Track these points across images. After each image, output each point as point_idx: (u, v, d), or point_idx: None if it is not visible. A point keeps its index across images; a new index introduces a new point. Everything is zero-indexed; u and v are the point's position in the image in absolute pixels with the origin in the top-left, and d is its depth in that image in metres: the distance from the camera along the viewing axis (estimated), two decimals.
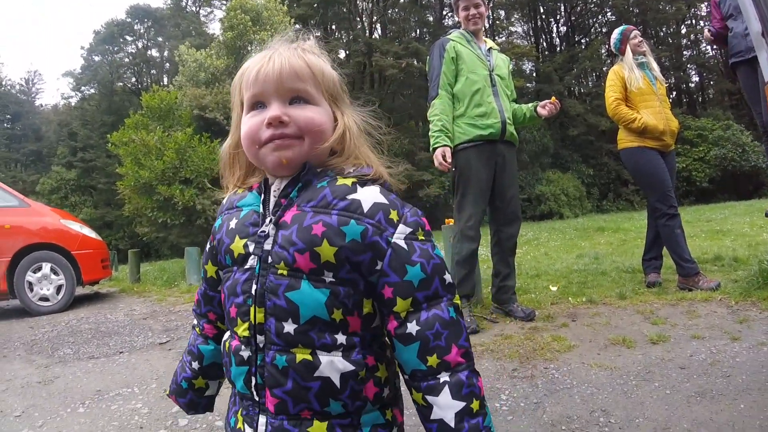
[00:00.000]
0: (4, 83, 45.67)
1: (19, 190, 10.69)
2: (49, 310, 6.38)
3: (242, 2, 16.57)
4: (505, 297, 4.00)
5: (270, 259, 0.97)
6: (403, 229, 0.97)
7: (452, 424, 0.91)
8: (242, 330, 0.98)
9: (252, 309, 0.97)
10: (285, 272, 0.95)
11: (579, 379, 2.65)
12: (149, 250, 25.89)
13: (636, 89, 4.43)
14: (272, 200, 1.04)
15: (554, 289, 4.92)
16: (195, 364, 1.22)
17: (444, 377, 0.93)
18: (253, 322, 0.97)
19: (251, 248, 1.00)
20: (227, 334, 1.07)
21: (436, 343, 0.94)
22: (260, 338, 0.96)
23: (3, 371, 3.79)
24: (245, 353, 0.98)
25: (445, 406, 0.92)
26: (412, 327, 0.95)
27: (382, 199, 0.99)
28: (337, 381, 0.94)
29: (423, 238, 0.99)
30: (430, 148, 3.77)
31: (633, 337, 3.21)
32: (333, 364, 0.94)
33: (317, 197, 0.98)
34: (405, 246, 0.96)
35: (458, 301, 1.00)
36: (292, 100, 1.02)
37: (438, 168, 3.73)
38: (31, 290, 6.39)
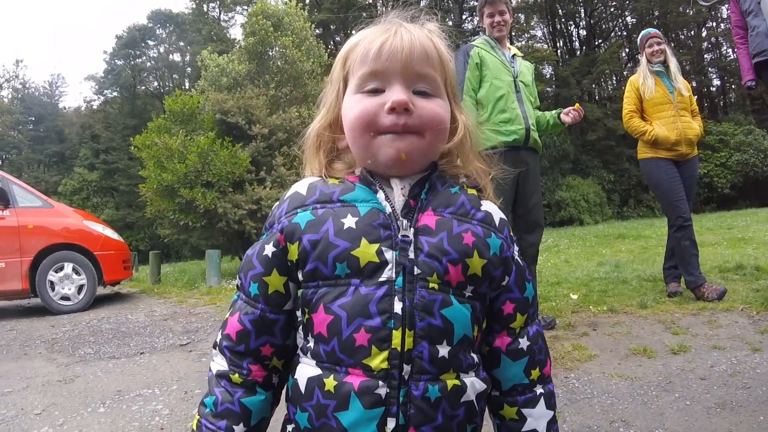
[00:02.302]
0: (27, 86, 46.46)
1: (42, 190, 10.85)
2: (70, 310, 6.48)
3: (263, 8, 16.66)
4: None
5: (417, 270, 0.82)
6: (515, 247, 0.96)
7: None
8: (378, 361, 0.79)
9: (398, 333, 0.80)
10: (436, 286, 0.82)
11: (599, 388, 2.63)
12: (170, 251, 26.11)
13: (649, 98, 4.43)
14: (400, 200, 0.88)
15: (575, 297, 4.88)
16: (238, 429, 0.89)
17: (539, 389, 0.93)
18: (399, 349, 0.80)
19: (389, 256, 0.83)
20: (313, 369, 0.84)
21: (539, 357, 0.94)
22: (406, 369, 0.80)
23: (24, 369, 3.85)
24: (381, 390, 0.79)
25: (539, 416, 0.92)
26: (524, 342, 0.93)
27: (503, 216, 0.95)
28: (476, 403, 0.86)
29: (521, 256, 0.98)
30: None
31: (654, 347, 3.18)
32: (474, 386, 0.86)
33: (455, 204, 0.89)
34: (522, 263, 0.95)
35: None
36: (415, 88, 0.87)
37: None
38: (53, 289, 6.50)
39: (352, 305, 0.81)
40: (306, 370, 0.85)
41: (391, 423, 0.78)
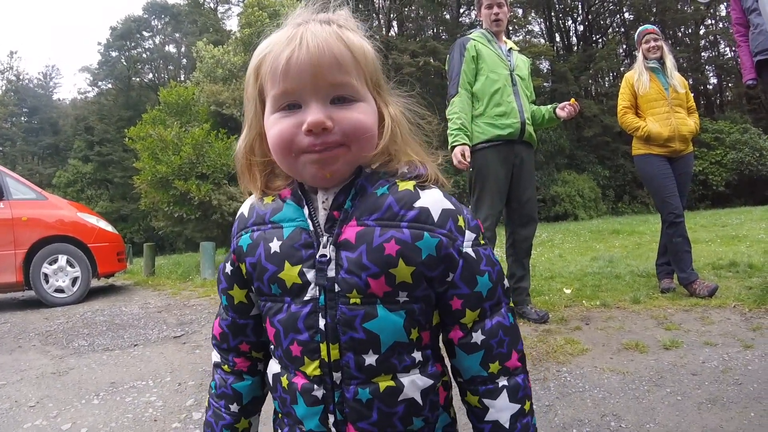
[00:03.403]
0: (21, 77, 46.20)
1: (36, 182, 10.82)
2: (64, 302, 6.47)
3: None
4: (519, 299, 3.99)
5: (337, 288, 0.84)
6: (469, 236, 0.89)
7: (507, 426, 0.90)
8: (312, 369, 0.86)
9: (324, 346, 0.85)
10: (358, 301, 0.83)
11: (591, 382, 2.65)
12: (164, 243, 26.08)
13: (643, 93, 4.45)
14: (322, 213, 0.88)
15: (568, 291, 4.90)
16: (234, 407, 1.04)
17: (503, 381, 0.91)
18: (326, 359, 0.85)
19: (310, 276, 0.85)
20: (277, 367, 0.93)
21: (498, 351, 0.90)
22: (336, 375, 0.85)
23: (18, 362, 3.85)
24: (318, 392, 0.86)
25: (502, 409, 0.90)
26: (478, 336, 0.90)
27: (448, 205, 0.89)
28: (419, 399, 0.88)
29: (483, 242, 0.92)
30: (449, 147, 3.76)
31: (646, 342, 3.20)
32: (414, 384, 0.87)
33: (381, 208, 0.85)
34: (473, 255, 0.89)
35: (513, 305, 0.97)
36: (334, 96, 0.83)
37: (456, 167, 3.72)
38: (47, 282, 6.48)
39: (285, 321, 0.88)
40: (272, 366, 0.95)
41: (331, 418, 0.87)
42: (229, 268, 0.99)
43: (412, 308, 0.85)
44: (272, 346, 0.94)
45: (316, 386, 0.86)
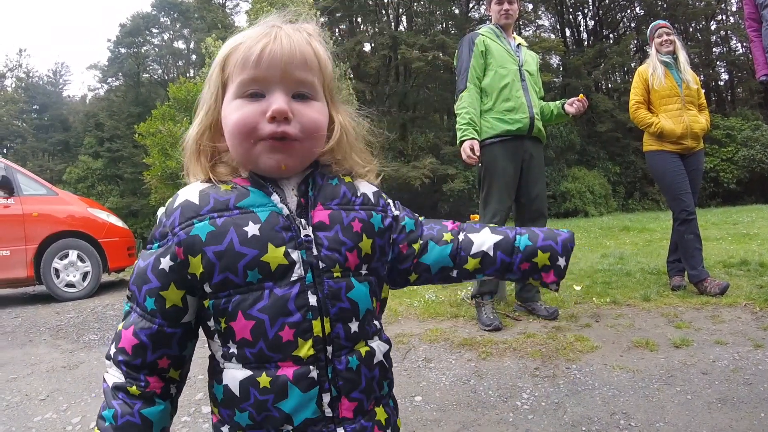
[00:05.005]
0: (31, 75, 46.47)
1: (47, 179, 10.88)
2: (74, 297, 6.50)
3: None
4: (528, 295, 3.98)
5: (321, 265, 0.89)
6: (391, 203, 1.06)
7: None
8: (306, 350, 0.86)
9: (317, 323, 0.87)
10: (339, 274, 0.90)
11: (601, 380, 2.63)
12: None
13: (658, 88, 4.40)
14: (293, 200, 0.93)
15: (578, 288, 4.88)
16: None
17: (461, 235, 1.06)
18: (321, 335, 0.87)
19: (295, 257, 0.88)
20: (242, 372, 0.87)
21: (440, 225, 1.08)
22: (329, 349, 0.88)
23: (29, 355, 3.88)
24: (313, 373, 0.87)
25: (485, 240, 1.04)
26: (425, 235, 1.06)
27: (374, 188, 1.04)
28: (386, 362, 0.98)
29: (393, 200, 1.08)
30: (458, 141, 3.75)
31: (656, 340, 3.18)
32: (380, 348, 0.97)
33: (338, 195, 0.96)
34: (397, 211, 1.06)
35: None
36: (295, 92, 0.90)
37: (466, 161, 3.71)
38: (58, 276, 6.51)
39: (271, 307, 0.86)
40: (235, 374, 0.88)
41: (326, 398, 0.87)
42: (167, 263, 0.89)
43: (370, 279, 0.96)
44: (234, 349, 0.88)
45: (311, 367, 0.86)
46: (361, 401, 0.91)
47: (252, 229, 0.87)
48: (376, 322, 0.98)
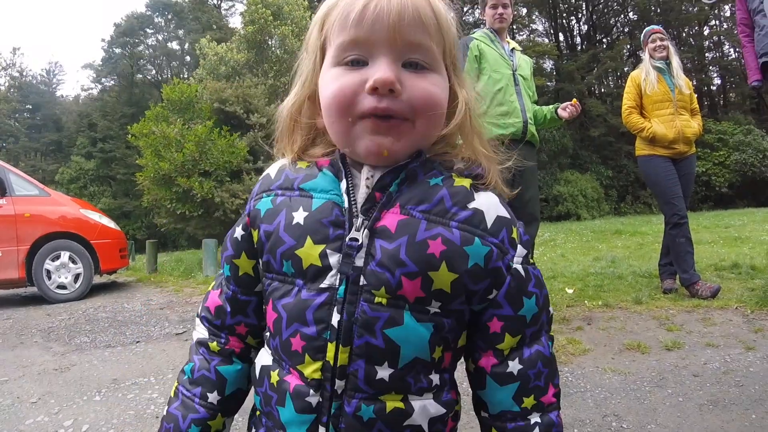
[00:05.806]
0: (25, 74, 46.26)
1: (39, 179, 10.84)
2: (66, 298, 6.48)
3: None
4: None
5: (363, 281, 0.72)
6: (521, 251, 0.78)
7: None
8: (311, 371, 0.73)
9: (332, 346, 0.72)
10: (384, 301, 0.71)
11: (593, 383, 2.65)
12: (166, 240, 26.10)
13: (650, 93, 4.44)
14: (362, 192, 0.76)
15: (570, 291, 4.90)
16: (213, 396, 0.86)
17: (535, 418, 0.78)
18: (331, 363, 0.72)
19: (333, 261, 0.73)
20: (268, 358, 0.81)
21: (535, 384, 0.78)
22: (339, 383, 0.72)
23: (20, 358, 3.85)
24: (313, 399, 0.73)
25: None
26: (514, 366, 0.77)
27: (504, 212, 0.77)
28: (426, 427, 0.75)
29: (533, 261, 0.81)
30: None
31: (648, 342, 3.20)
32: (425, 410, 0.75)
33: (432, 199, 0.73)
34: (523, 273, 0.77)
35: (552, 334, 0.84)
36: (407, 60, 0.72)
37: None
38: (49, 278, 6.49)
39: (292, 307, 0.75)
40: (262, 357, 0.83)
41: (321, 430, 0.73)
42: (239, 232, 0.85)
43: (442, 322, 0.74)
44: (268, 334, 0.82)
45: (312, 391, 0.73)
46: None
47: (299, 215, 0.76)
48: (433, 377, 0.76)
